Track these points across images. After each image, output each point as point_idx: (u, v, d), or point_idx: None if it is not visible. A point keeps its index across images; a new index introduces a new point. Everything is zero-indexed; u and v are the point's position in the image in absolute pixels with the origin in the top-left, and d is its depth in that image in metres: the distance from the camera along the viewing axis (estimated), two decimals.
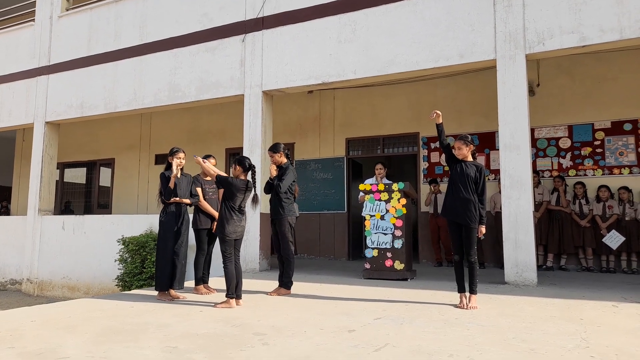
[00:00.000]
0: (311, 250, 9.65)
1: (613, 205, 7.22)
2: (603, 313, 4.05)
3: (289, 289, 5.12)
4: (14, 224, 9.94)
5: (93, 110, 9.13)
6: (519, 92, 5.87)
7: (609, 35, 5.49)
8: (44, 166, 9.54)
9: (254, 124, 7.50)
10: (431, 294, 4.99)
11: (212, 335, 3.35)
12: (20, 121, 10.11)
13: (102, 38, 9.21)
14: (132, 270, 7.55)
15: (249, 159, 4.66)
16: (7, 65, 10.40)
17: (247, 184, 4.58)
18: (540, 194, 7.54)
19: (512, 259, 5.68)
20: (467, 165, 4.39)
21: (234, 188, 4.50)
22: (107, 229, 8.71)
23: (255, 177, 4.63)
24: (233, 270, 4.49)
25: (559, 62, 7.90)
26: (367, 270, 6.16)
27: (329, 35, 7.13)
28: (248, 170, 4.60)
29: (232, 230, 4.51)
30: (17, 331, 3.52)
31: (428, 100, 8.86)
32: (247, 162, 4.60)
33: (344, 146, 9.65)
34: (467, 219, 4.28)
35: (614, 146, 7.60)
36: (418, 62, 6.50)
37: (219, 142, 10.63)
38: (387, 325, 3.61)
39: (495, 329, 3.49)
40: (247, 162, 4.61)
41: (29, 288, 9.31)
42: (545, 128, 8.05)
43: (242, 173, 4.60)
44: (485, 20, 6.14)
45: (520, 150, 5.78)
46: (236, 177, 4.60)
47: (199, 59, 8.11)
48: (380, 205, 6.19)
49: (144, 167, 11.73)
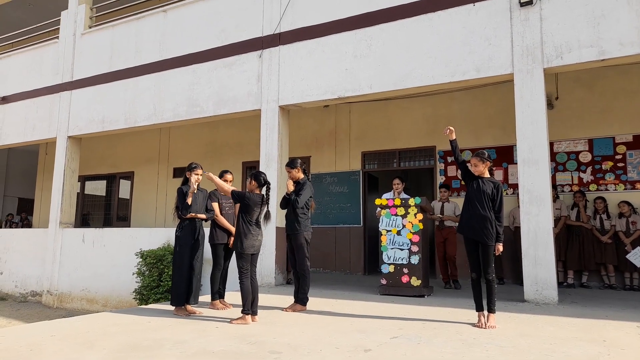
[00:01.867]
0: (327, 264, 9.62)
1: (637, 220, 7.05)
2: (627, 334, 3.94)
3: (305, 305, 5.10)
4: (35, 237, 10.14)
5: (114, 125, 9.32)
6: (537, 106, 5.80)
7: (629, 49, 5.41)
8: (66, 179, 9.74)
9: (270, 139, 7.55)
10: (449, 312, 4.92)
11: (228, 353, 3.35)
12: (43, 135, 10.36)
13: (123, 54, 9.43)
14: (150, 284, 7.61)
15: (265, 175, 4.69)
16: (32, 81, 10.70)
17: (263, 197, 4.61)
18: (558, 209, 7.39)
19: (531, 276, 5.57)
20: (483, 182, 4.34)
21: (251, 202, 4.53)
22: (125, 242, 8.82)
23: (269, 193, 4.65)
24: (249, 286, 4.50)
25: (578, 75, 7.79)
26: (383, 286, 6.11)
27: (345, 50, 7.18)
28: (263, 185, 4.63)
29: (250, 244, 4.53)
30: (37, 346, 3.58)
31: (444, 113, 8.82)
32: (262, 178, 4.63)
33: (360, 160, 9.64)
34: (484, 237, 4.22)
35: (636, 160, 7.44)
36: (434, 77, 6.48)
37: (236, 156, 10.73)
38: (404, 345, 3.56)
39: (515, 350, 3.42)
40: (262, 177, 4.64)
41: (49, 300, 9.45)
42: (565, 142, 7.93)
43: (256, 188, 4.63)
44: (502, 35, 6.11)
45: (539, 166, 5.70)
46: (251, 192, 4.64)
47: (216, 75, 8.24)
48: (397, 220, 6.15)
49: (162, 180, 11.89)
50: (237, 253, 4.55)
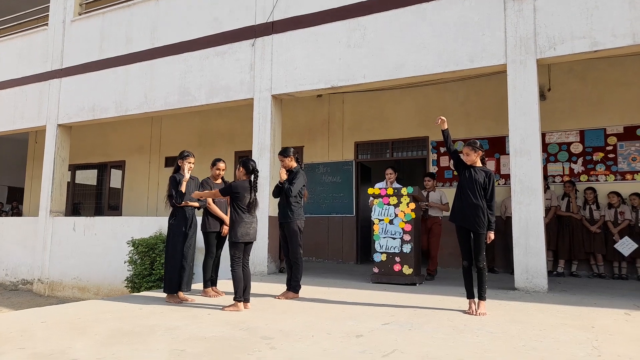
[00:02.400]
0: (319, 253, 9.65)
1: (625, 211, 7.13)
2: (615, 321, 4.00)
3: (297, 293, 5.12)
4: (26, 225, 10.06)
5: (104, 113, 9.23)
6: (530, 97, 5.83)
7: (621, 40, 5.44)
8: (56, 168, 9.65)
9: (263, 128, 7.52)
10: (440, 300, 4.96)
11: (219, 339, 3.36)
12: (32, 124, 10.24)
13: (113, 42, 9.31)
14: (142, 272, 7.59)
15: (254, 162, 4.68)
16: (21, 69, 10.55)
17: (250, 182, 4.60)
18: (549, 199, 7.46)
19: (522, 264, 5.63)
20: (476, 170, 4.36)
21: (239, 190, 4.52)
22: (117, 230, 8.78)
23: (257, 181, 4.65)
24: (241, 274, 4.49)
25: (570, 66, 7.83)
26: (375, 275, 6.14)
27: (338, 39, 7.15)
28: (251, 173, 4.63)
29: (244, 232, 4.51)
30: (28, 332, 3.56)
31: (437, 104, 8.83)
32: (250, 165, 4.62)
33: (353, 150, 9.65)
34: (476, 225, 4.25)
35: (627, 151, 7.51)
36: (427, 67, 6.48)
37: (228, 146, 10.68)
38: (395, 331, 3.59)
39: (505, 336, 3.46)
40: (251, 165, 4.63)
41: (40, 288, 9.40)
42: (557, 133, 7.98)
43: (244, 175, 4.63)
44: (495, 25, 6.12)
45: (530, 156, 5.74)
46: (238, 179, 4.64)
47: (209, 63, 8.17)
48: (389, 209, 6.17)
49: (154, 169, 11.82)
50: (230, 242, 4.54)
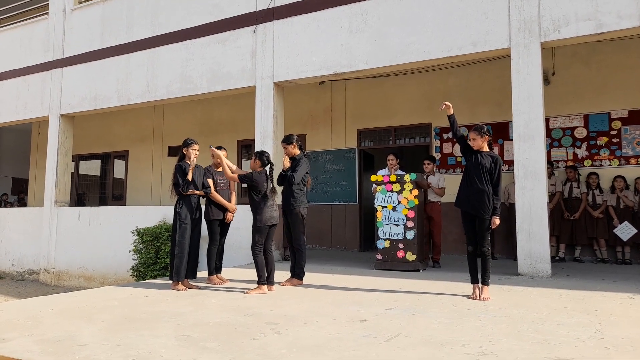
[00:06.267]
0: (323, 241, 9.67)
1: (628, 195, 7.11)
2: (618, 304, 4.01)
3: (301, 280, 5.15)
4: (31, 215, 10.12)
5: (106, 103, 9.22)
6: (534, 81, 5.77)
7: (627, 22, 5.37)
8: (60, 158, 9.67)
9: (265, 115, 7.50)
10: (443, 285, 4.98)
11: (225, 324, 3.39)
12: (35, 114, 10.24)
13: (114, 30, 9.26)
14: (147, 261, 7.64)
15: (268, 154, 4.94)
16: (23, 59, 10.51)
17: (266, 173, 4.85)
18: (553, 184, 7.43)
19: (525, 250, 5.63)
20: (482, 155, 4.35)
21: (259, 180, 4.74)
22: (121, 220, 8.82)
23: (272, 172, 4.89)
24: (263, 260, 4.70)
25: (575, 50, 7.74)
26: (379, 261, 6.16)
27: (340, 25, 7.08)
28: (266, 165, 4.87)
29: (269, 216, 4.74)
30: (36, 319, 3.60)
31: (440, 89, 8.76)
32: (265, 158, 4.89)
33: (356, 137, 9.61)
34: (481, 210, 4.25)
35: (631, 136, 7.46)
36: (430, 52, 6.42)
37: (231, 134, 10.66)
38: (399, 316, 3.61)
39: (508, 319, 3.47)
40: (265, 157, 4.89)
41: (47, 278, 9.49)
42: (561, 118, 7.93)
43: (259, 167, 4.84)
44: (499, 8, 6.04)
45: (534, 141, 5.70)
46: (254, 170, 4.85)
47: (210, 51, 8.12)
48: (392, 196, 6.16)
49: (157, 159, 11.82)
50: (255, 227, 4.71)
